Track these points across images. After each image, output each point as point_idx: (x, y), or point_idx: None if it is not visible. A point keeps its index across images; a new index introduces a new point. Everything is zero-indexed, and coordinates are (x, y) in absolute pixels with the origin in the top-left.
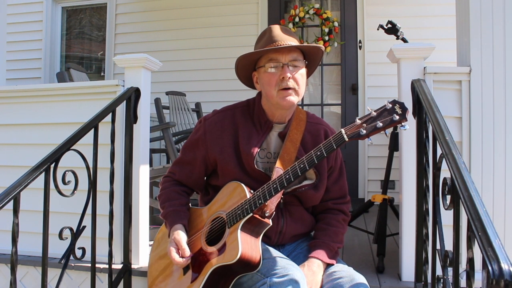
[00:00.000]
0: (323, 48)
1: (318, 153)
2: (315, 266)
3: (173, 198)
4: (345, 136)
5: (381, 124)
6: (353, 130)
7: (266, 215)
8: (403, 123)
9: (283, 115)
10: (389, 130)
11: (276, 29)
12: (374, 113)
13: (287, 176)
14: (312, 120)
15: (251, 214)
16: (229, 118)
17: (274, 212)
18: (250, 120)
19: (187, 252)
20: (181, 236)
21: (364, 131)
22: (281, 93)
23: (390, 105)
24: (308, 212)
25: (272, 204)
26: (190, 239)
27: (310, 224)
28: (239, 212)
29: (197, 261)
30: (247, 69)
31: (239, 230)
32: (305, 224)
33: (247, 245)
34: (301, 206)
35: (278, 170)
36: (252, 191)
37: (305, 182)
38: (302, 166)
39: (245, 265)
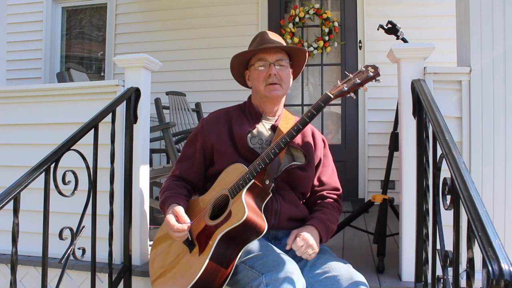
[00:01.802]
0: (306, 50)
1: (309, 114)
2: (311, 229)
3: (173, 188)
4: (330, 95)
5: (359, 81)
6: (336, 89)
7: (266, 183)
8: (377, 78)
9: (272, 108)
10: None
11: (267, 34)
12: (352, 75)
13: (283, 140)
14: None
15: (253, 180)
16: (224, 114)
17: (273, 184)
18: (242, 113)
19: (187, 219)
20: (179, 207)
21: (346, 88)
22: (268, 87)
23: (364, 68)
24: (300, 200)
25: (271, 173)
26: (193, 222)
27: (303, 209)
28: (241, 182)
29: (203, 237)
30: (240, 67)
31: (243, 196)
32: (299, 208)
33: (252, 209)
34: (292, 192)
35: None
36: None
37: (294, 163)
38: (296, 128)
39: (251, 228)
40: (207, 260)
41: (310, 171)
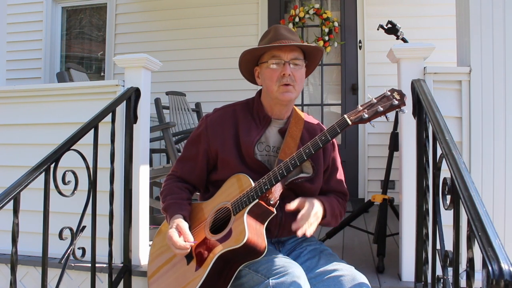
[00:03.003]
0: (323, 49)
1: (323, 138)
2: (316, 201)
3: (175, 192)
4: (348, 121)
5: (381, 109)
6: (356, 115)
7: (271, 202)
8: (402, 107)
9: (282, 111)
10: (390, 114)
11: (281, 28)
12: (375, 100)
13: (293, 162)
14: (309, 120)
15: (257, 200)
16: (230, 114)
17: (278, 201)
18: (249, 115)
19: (191, 237)
20: (183, 223)
21: (366, 115)
22: (281, 88)
23: (389, 93)
24: None
25: (276, 192)
26: (193, 231)
27: None
28: (244, 199)
29: (201, 251)
30: (250, 63)
31: (245, 216)
32: None
33: (253, 230)
34: None
35: (280, 161)
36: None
37: (302, 175)
38: (307, 151)
39: (251, 250)
40: (203, 278)
41: (317, 182)
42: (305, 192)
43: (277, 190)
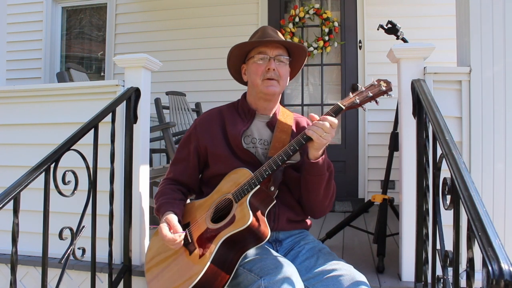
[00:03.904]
0: (307, 49)
1: None
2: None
3: (167, 193)
4: (341, 106)
5: (371, 94)
6: (348, 101)
7: (272, 189)
8: (389, 92)
9: (266, 108)
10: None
11: (268, 29)
12: (364, 88)
13: (292, 147)
14: (298, 116)
15: (259, 185)
16: (217, 113)
17: (278, 191)
18: (235, 112)
19: (180, 229)
20: (172, 216)
21: (358, 100)
22: (265, 82)
23: (376, 82)
24: (297, 202)
25: (276, 180)
26: (193, 225)
27: (301, 213)
28: (246, 187)
29: (204, 240)
30: (237, 60)
31: (248, 201)
32: (296, 211)
33: (257, 214)
34: (289, 193)
35: (270, 158)
36: None
37: (288, 162)
38: (305, 136)
39: (255, 234)
40: (208, 263)
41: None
42: (294, 183)
43: (277, 178)
